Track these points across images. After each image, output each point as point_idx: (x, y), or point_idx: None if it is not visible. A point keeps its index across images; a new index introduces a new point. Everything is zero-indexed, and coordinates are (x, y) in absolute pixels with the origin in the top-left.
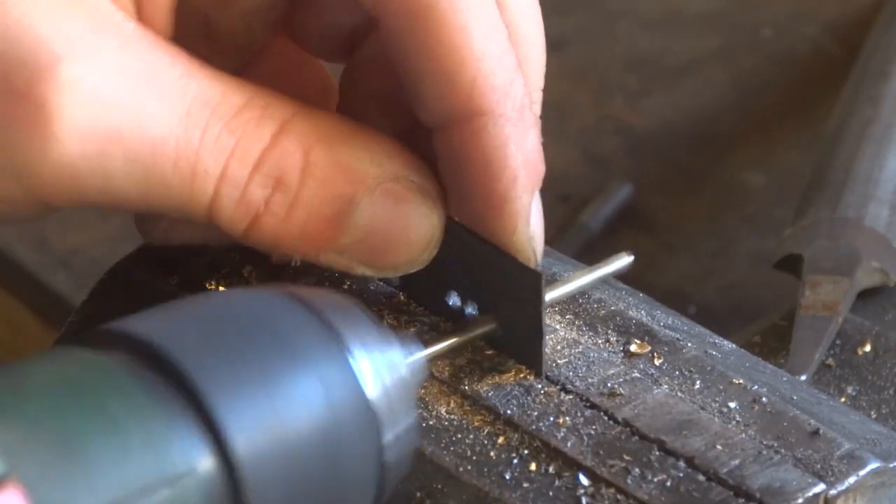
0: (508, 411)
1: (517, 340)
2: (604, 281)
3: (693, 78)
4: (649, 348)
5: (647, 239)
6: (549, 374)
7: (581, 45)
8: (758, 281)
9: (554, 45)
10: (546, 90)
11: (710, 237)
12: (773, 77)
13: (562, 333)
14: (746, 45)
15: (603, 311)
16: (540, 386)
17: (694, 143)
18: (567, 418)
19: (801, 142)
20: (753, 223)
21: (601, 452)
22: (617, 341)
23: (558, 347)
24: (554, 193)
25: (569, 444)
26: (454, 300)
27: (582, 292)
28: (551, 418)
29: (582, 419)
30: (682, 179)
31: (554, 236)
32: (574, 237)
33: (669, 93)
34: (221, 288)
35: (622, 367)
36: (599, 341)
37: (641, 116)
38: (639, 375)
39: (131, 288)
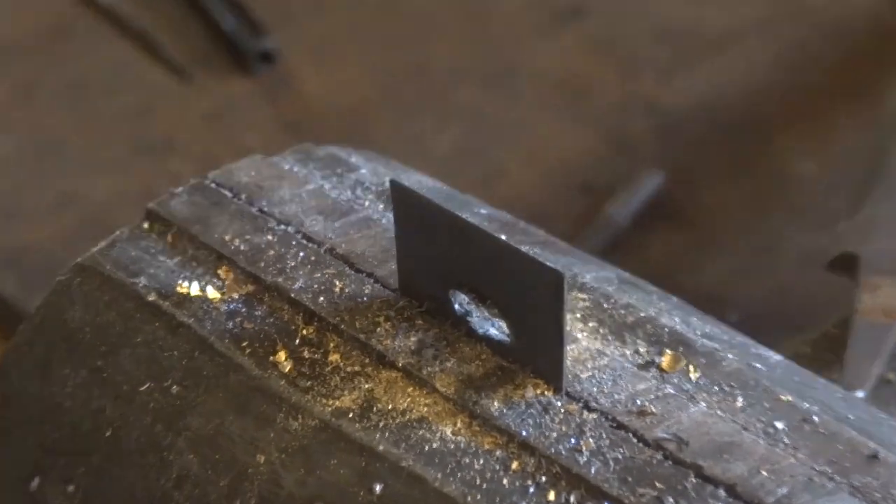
0: (523, 432)
1: (534, 350)
2: (632, 283)
3: (732, 51)
4: (684, 360)
5: (681, 235)
6: (569, 389)
7: (604, 14)
8: (808, 283)
9: (573, 13)
10: (564, 65)
11: (752, 233)
12: (822, 51)
13: (584, 343)
14: (792, 14)
15: (631, 318)
16: (560, 403)
17: (733, 125)
18: (591, 440)
19: (857, 125)
20: (803, 217)
21: (629, 479)
22: (647, 352)
23: (581, 359)
24: (573, 183)
25: (593, 470)
26: (460, 302)
27: (607, 296)
28: (573, 440)
29: (608, 441)
30: (719, 167)
31: (575, 232)
32: (598, 233)
33: (705, 68)
34: (195, 289)
35: (653, 381)
36: (627, 352)
37: (673, 95)
38: (672, 391)
39: (93, 291)
